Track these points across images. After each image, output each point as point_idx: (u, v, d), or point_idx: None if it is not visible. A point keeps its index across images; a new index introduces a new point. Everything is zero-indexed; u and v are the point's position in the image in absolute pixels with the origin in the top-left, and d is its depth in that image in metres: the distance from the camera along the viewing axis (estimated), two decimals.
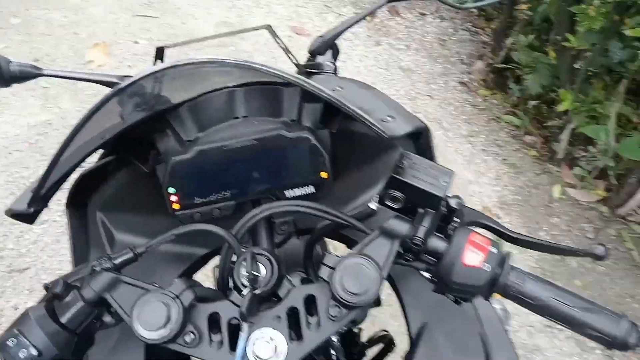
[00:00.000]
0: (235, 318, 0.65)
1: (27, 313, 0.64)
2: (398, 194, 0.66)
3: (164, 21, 3.25)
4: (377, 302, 1.02)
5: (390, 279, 0.83)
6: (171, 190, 0.75)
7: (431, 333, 0.78)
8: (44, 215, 2.32)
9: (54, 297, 0.66)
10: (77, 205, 0.85)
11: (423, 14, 3.55)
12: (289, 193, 0.78)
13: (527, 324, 2.08)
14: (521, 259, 2.29)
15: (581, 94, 2.48)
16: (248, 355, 0.63)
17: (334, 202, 0.76)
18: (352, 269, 0.62)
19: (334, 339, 0.93)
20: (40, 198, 0.71)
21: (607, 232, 2.44)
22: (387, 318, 1.39)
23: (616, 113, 2.40)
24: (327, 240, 1.09)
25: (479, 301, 0.80)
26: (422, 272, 0.69)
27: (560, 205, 2.54)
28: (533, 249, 0.72)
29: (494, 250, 0.62)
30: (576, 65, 2.52)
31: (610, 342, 0.61)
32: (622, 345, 0.60)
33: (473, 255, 0.62)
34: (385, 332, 1.17)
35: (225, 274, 0.72)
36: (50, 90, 2.70)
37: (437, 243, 0.64)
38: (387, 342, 1.15)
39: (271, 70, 0.61)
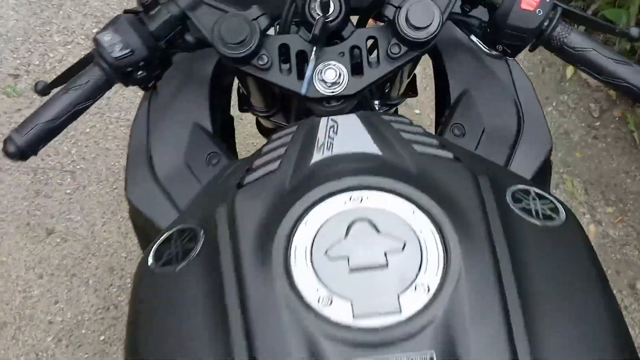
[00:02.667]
0: (303, 50, 0.70)
1: (119, 17, 0.68)
2: None
3: None
4: (414, 91, 1.09)
5: (437, 51, 0.89)
6: None
7: (470, 97, 0.83)
8: (69, 37, 2.30)
9: (143, 8, 0.70)
10: None
11: None
12: None
13: None
14: None
15: None
16: (314, 80, 0.69)
17: None
18: (416, 6, 0.66)
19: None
20: None
21: (612, 113, 2.53)
22: None
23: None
24: None
25: (516, 70, 0.87)
26: (471, 37, 0.76)
27: (570, 85, 2.61)
28: (576, 22, 0.76)
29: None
30: None
31: (636, 93, 0.68)
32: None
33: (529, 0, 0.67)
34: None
35: (289, 15, 0.74)
36: None
37: None
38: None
39: None
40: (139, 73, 0.70)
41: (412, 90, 1.08)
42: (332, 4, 0.70)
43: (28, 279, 1.67)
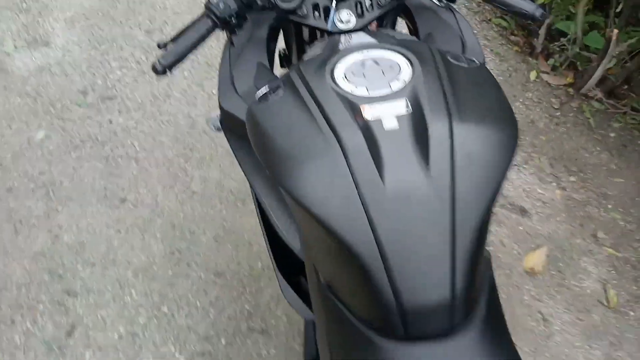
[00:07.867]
0: (327, 6, 1.18)
1: None
2: None
3: None
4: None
5: (410, 13, 1.41)
6: None
7: (431, 37, 1.23)
8: (123, 63, 2.85)
9: None
10: None
11: None
12: None
13: None
14: None
15: None
16: (335, 20, 1.19)
17: None
18: None
19: None
20: None
21: (570, 105, 3.02)
22: None
23: (583, 11, 2.96)
24: None
25: (460, 17, 1.35)
26: None
27: (534, 85, 3.12)
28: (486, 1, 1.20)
29: None
30: None
31: (526, 15, 1.15)
32: (532, 17, 1.11)
33: None
34: None
35: None
36: None
37: None
38: None
39: None
40: (232, 21, 1.10)
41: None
42: None
43: (109, 234, 2.12)
